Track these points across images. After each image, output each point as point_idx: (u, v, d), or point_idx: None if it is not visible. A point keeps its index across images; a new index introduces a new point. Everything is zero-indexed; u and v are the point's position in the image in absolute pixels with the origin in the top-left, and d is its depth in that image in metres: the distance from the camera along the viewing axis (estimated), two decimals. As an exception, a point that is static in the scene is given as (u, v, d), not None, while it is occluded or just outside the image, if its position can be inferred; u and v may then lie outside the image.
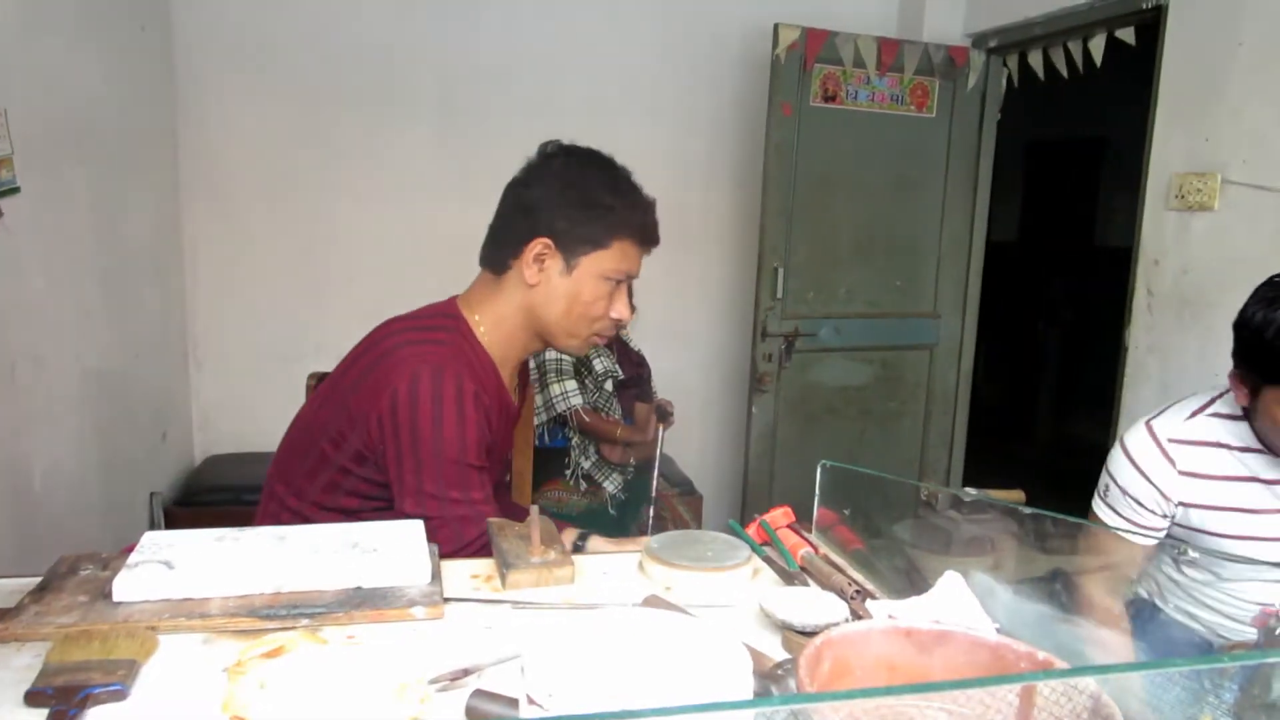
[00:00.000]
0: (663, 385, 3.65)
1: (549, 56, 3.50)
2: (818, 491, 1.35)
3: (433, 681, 0.90)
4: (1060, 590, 1.12)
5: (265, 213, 3.37)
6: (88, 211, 2.50)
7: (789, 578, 1.17)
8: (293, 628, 1.00)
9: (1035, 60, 3.45)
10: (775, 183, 3.34)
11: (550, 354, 3.08)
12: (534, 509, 1.21)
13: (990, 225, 6.17)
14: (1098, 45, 3.16)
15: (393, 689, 0.85)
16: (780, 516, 1.33)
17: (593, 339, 1.54)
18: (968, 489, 2.34)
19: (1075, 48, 3.26)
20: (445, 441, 1.33)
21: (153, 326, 3.02)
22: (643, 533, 3.01)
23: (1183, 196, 2.70)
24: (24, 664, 0.92)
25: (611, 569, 1.23)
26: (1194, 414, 1.62)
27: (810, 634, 0.99)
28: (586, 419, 3.04)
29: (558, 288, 1.47)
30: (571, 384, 3.06)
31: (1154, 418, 1.64)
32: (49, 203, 2.24)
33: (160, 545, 1.11)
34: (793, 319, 3.46)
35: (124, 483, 2.70)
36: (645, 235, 1.52)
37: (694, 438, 3.86)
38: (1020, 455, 5.45)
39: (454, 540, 1.32)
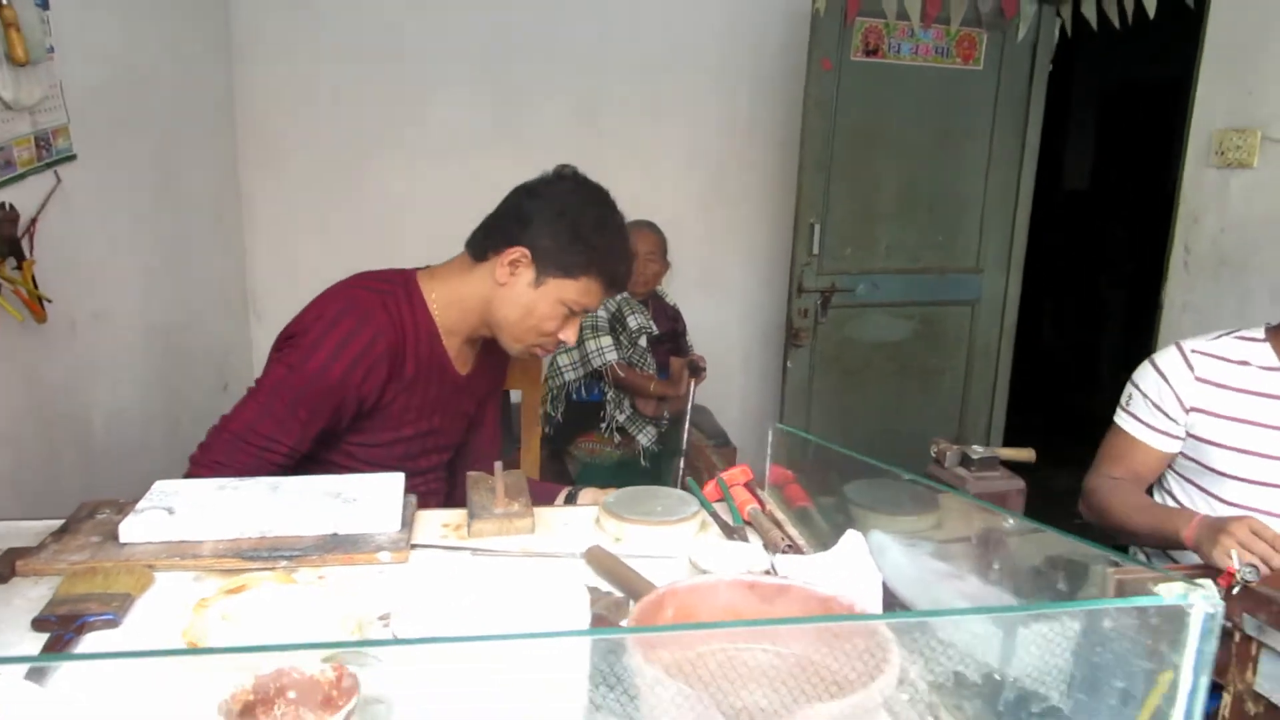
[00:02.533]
0: (701, 338, 3.73)
1: (592, 12, 3.55)
2: (770, 451, 1.42)
3: (381, 618, 1.02)
4: (982, 551, 1.18)
5: (319, 171, 3.52)
6: (147, 175, 2.67)
7: (730, 532, 1.26)
8: (272, 568, 1.14)
9: (1089, 9, 3.36)
10: (813, 138, 3.34)
11: (586, 310, 3.17)
12: (498, 465, 1.31)
13: (1060, 173, 6.00)
14: (1150, -6, 3.06)
15: (338, 620, 0.97)
16: (738, 474, 1.41)
17: (533, 349, 1.66)
18: (975, 446, 2.36)
19: (1127, -3, 3.16)
20: (314, 360, 1.49)
21: (214, 282, 3.21)
22: (675, 484, 3.11)
23: (1223, 153, 2.64)
24: (38, 595, 1.07)
25: (572, 520, 1.34)
26: (1220, 336, 1.75)
27: (730, 587, 1.08)
28: (621, 374, 3.14)
29: (520, 296, 1.59)
30: (606, 340, 3.15)
31: (1184, 339, 1.79)
32: (107, 168, 2.41)
33: (167, 493, 1.26)
34: (830, 275, 3.48)
35: (188, 431, 2.91)
36: (613, 282, 1.64)
37: (732, 391, 3.93)
38: (1087, 413, 5.37)
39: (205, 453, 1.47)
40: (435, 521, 1.31)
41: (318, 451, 1.55)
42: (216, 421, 1.52)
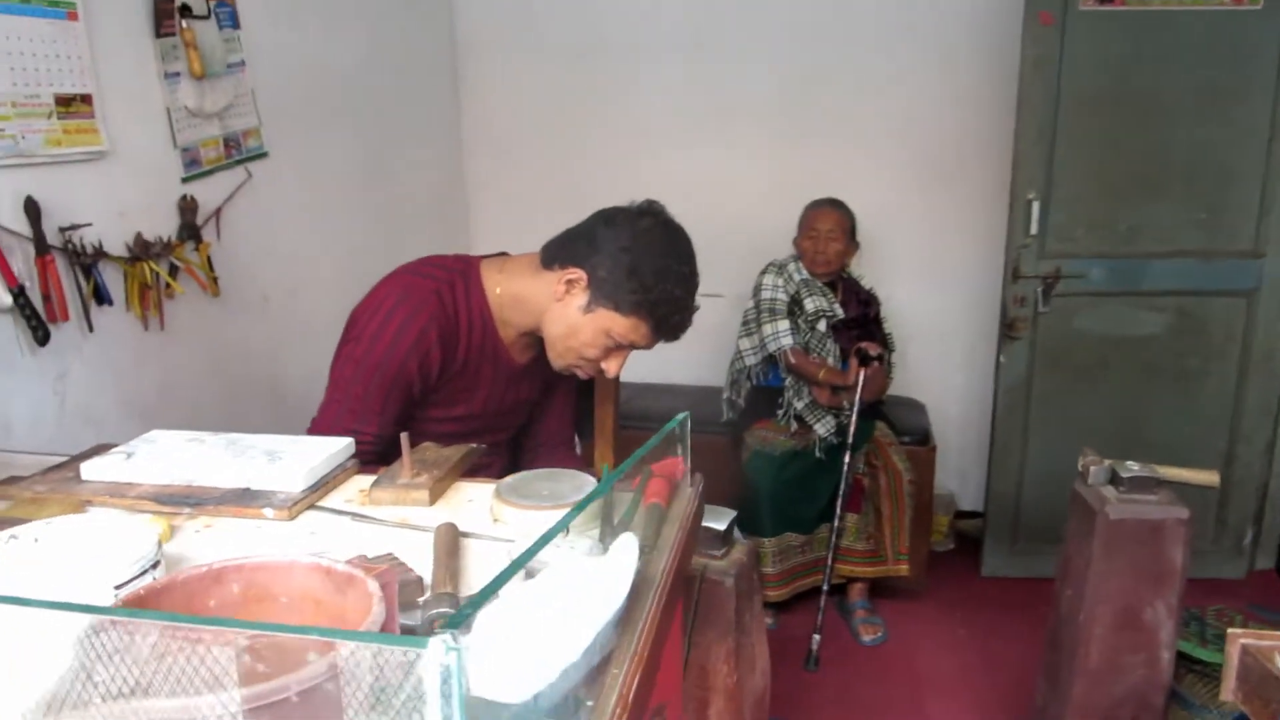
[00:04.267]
0: (915, 327, 3.48)
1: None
2: (682, 442, 1.31)
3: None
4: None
5: (540, 161, 3.73)
6: (350, 168, 3.00)
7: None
8: (177, 513, 1.26)
9: None
10: (1032, 103, 2.96)
11: (765, 293, 3.09)
12: (404, 435, 1.34)
13: None
14: None
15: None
16: (669, 466, 1.31)
17: (572, 368, 1.69)
18: (1130, 463, 1.99)
19: None
20: (376, 351, 1.59)
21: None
22: (841, 480, 2.92)
23: None
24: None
25: (477, 498, 1.33)
26: None
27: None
28: (792, 359, 3.01)
29: (569, 316, 1.62)
30: (784, 324, 3.04)
31: None
32: (301, 164, 2.74)
33: (146, 440, 1.43)
34: (1054, 258, 3.07)
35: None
36: (660, 329, 1.63)
37: (951, 387, 3.61)
38: None
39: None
40: (351, 488, 1.37)
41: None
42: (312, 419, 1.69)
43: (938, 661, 2.89)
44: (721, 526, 1.61)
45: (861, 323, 3.14)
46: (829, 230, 3.02)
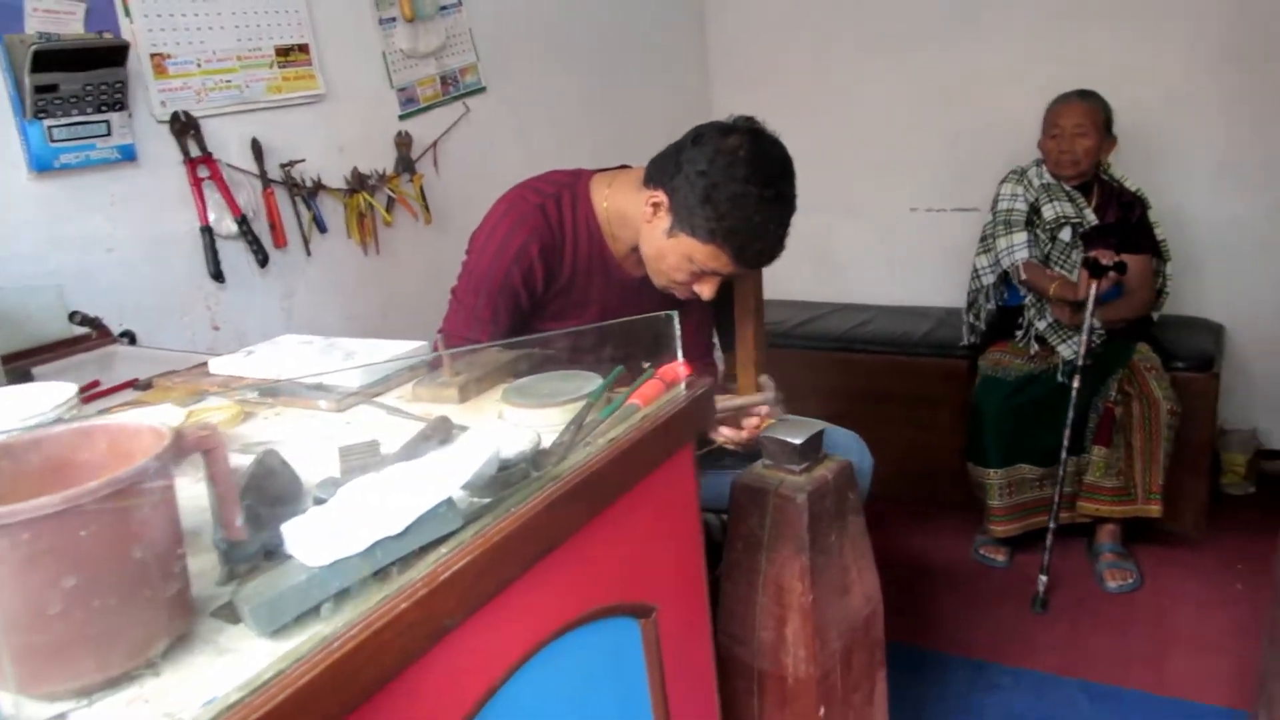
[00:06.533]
0: (1212, 237, 3.06)
1: None
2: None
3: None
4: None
5: (787, 88, 3.61)
6: (579, 99, 3.12)
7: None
8: (261, 403, 1.45)
9: None
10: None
11: (1002, 204, 2.82)
12: (438, 337, 1.42)
13: None
14: None
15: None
16: (674, 369, 1.26)
17: (668, 289, 1.67)
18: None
19: None
20: (482, 262, 1.68)
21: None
22: (1070, 404, 2.58)
23: None
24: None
25: (503, 400, 1.38)
26: None
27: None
28: (1024, 275, 2.72)
29: (656, 239, 1.61)
30: (1020, 236, 2.76)
31: None
32: (521, 95, 2.90)
33: (272, 342, 1.64)
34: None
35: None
36: (741, 257, 1.55)
37: (1255, 305, 3.05)
38: None
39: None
40: (409, 389, 1.48)
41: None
42: None
43: (1198, 617, 2.50)
44: (797, 440, 1.53)
45: (1122, 229, 2.72)
46: (1075, 125, 2.65)
